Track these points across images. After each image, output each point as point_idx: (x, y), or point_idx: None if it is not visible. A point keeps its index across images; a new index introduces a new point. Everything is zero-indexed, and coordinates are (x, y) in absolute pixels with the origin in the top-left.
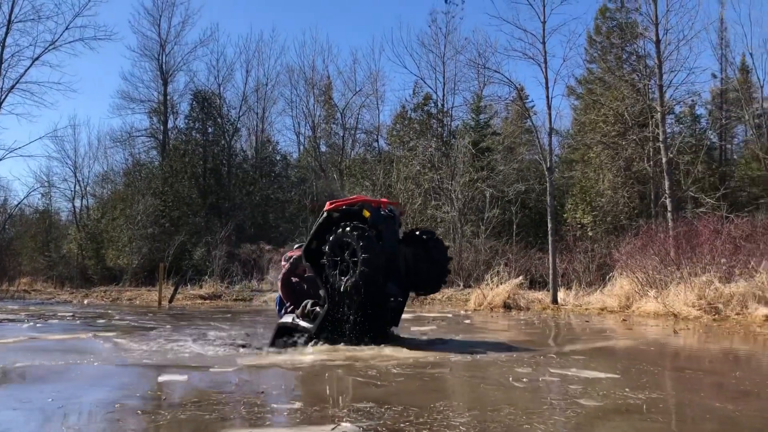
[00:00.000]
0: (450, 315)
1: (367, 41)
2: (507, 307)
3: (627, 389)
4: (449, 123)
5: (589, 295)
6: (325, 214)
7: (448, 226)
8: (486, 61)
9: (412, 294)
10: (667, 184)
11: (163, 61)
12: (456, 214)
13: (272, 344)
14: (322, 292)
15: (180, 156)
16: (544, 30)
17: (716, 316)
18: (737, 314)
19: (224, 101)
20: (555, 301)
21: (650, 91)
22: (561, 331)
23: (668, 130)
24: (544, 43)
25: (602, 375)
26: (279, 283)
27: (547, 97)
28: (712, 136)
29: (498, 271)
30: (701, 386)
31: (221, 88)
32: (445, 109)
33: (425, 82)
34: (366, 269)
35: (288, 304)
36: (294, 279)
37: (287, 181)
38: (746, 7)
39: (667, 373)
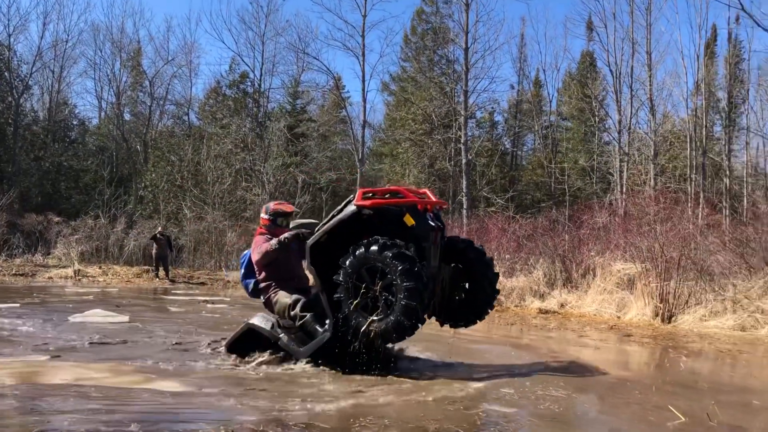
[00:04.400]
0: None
1: (183, 10)
2: None
3: None
4: (265, 104)
5: None
6: (353, 208)
7: (258, 210)
8: (306, 47)
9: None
10: (464, 183)
11: None
12: (267, 198)
13: (231, 348)
14: (311, 279)
15: None
16: (364, 24)
17: (498, 307)
18: (516, 306)
19: (14, 54)
20: None
21: (456, 95)
22: None
23: (469, 134)
24: (363, 36)
25: None
26: (256, 248)
27: (363, 89)
28: (506, 143)
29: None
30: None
31: (11, 39)
32: (262, 90)
33: (243, 60)
34: (411, 303)
35: (261, 277)
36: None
37: (84, 149)
38: (543, 27)
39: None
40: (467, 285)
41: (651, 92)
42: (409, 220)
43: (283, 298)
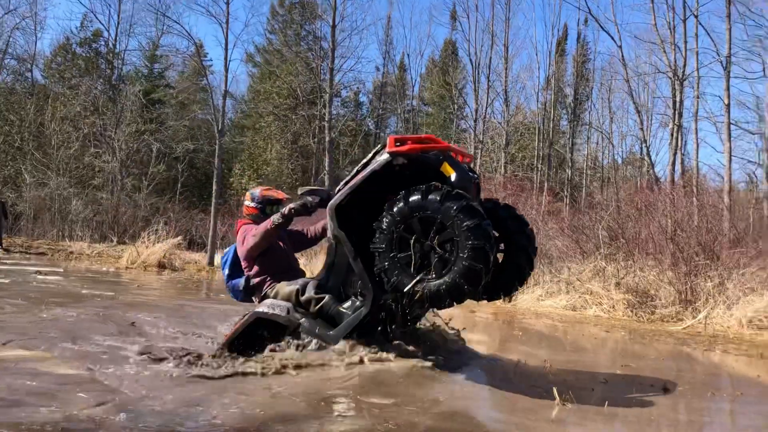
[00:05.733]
0: (107, 270)
1: None
2: (162, 266)
3: None
4: (120, 66)
5: None
6: (386, 155)
7: (108, 177)
8: (166, 9)
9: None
10: (327, 161)
11: None
12: (117, 165)
13: (231, 348)
14: (325, 265)
15: None
16: None
17: None
18: None
19: None
20: (211, 263)
21: (322, 72)
22: None
23: (333, 112)
24: (228, 3)
25: None
26: (249, 236)
27: (226, 58)
28: (369, 123)
29: (157, 230)
30: None
31: None
32: (117, 51)
33: (96, 17)
34: (477, 265)
35: (254, 272)
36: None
37: None
38: (409, 12)
39: None
40: (501, 256)
41: (506, 84)
42: (447, 170)
43: (285, 286)
